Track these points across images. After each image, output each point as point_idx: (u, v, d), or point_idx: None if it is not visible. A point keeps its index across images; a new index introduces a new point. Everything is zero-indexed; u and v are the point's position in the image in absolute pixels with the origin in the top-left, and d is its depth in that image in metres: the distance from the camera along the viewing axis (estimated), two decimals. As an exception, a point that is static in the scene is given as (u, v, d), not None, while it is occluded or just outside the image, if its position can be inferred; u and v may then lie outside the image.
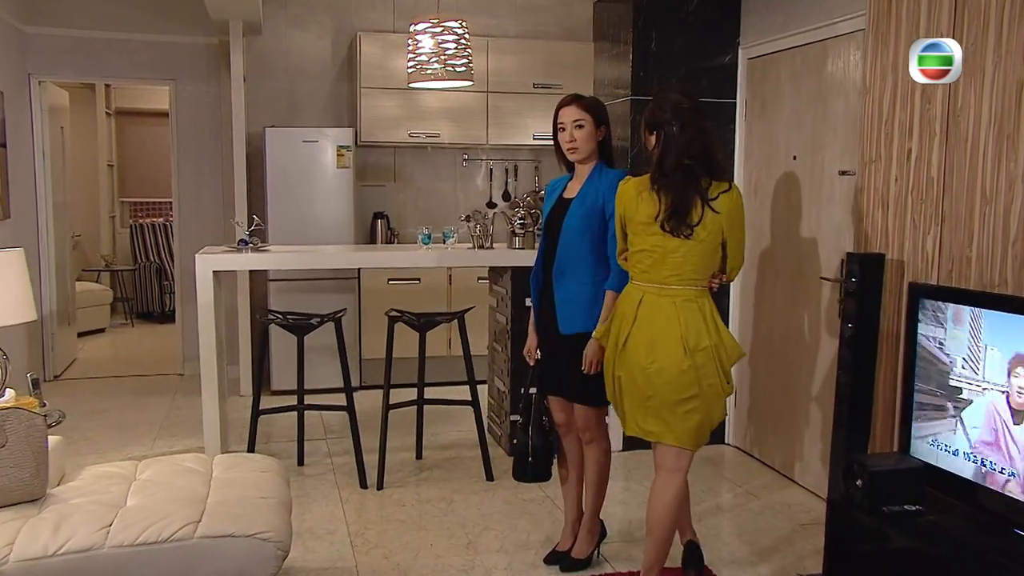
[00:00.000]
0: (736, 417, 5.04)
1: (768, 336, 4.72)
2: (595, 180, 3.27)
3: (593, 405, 3.34)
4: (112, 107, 10.01)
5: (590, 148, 3.27)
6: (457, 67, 5.09)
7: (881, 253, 3.24)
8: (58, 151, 6.93)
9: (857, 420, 3.17)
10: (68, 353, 7.15)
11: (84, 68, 6.52)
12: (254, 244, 4.71)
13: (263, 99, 6.68)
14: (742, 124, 4.91)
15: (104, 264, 9.49)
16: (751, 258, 4.84)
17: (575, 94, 3.32)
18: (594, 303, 3.21)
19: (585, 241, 3.22)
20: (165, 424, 5.45)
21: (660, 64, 4.81)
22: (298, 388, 4.69)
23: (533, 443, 3.44)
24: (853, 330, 3.13)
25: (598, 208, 3.21)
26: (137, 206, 10.41)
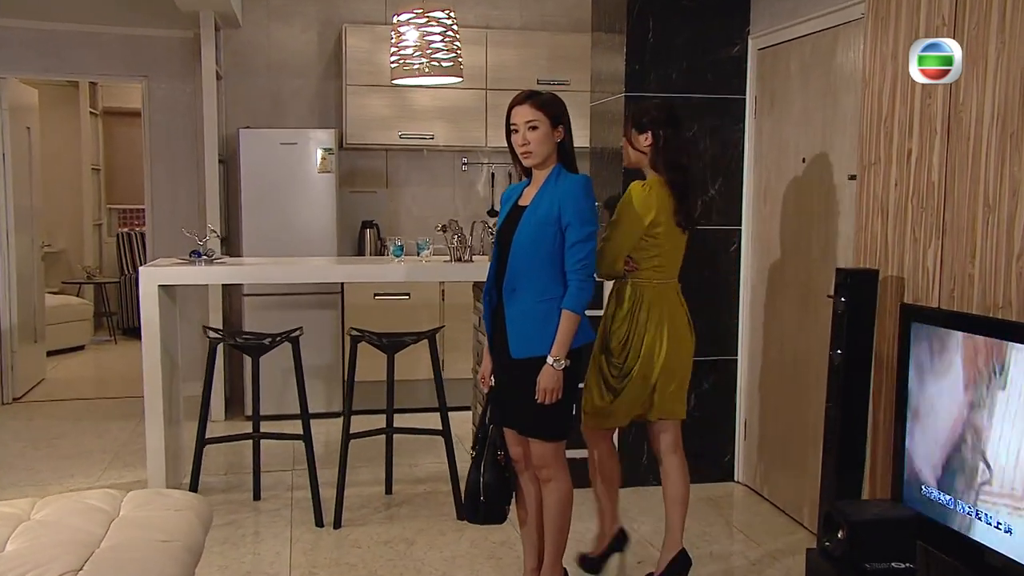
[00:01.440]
0: (745, 451, 4.88)
1: (778, 360, 4.56)
2: (551, 186, 3.17)
3: (550, 439, 3.24)
4: (98, 106, 10.13)
5: (546, 151, 3.18)
6: (443, 62, 5.03)
7: (874, 269, 3.09)
8: (23, 154, 7.00)
9: (847, 460, 3.01)
10: (33, 372, 7.21)
11: (48, 64, 6.60)
12: (208, 256, 4.67)
13: (242, 98, 6.69)
14: (752, 123, 4.77)
15: (86, 276, 9.58)
16: (760, 274, 4.69)
17: (528, 91, 3.23)
18: (547, 323, 3.12)
19: (538, 254, 3.12)
20: (121, 453, 5.44)
21: (659, 57, 4.69)
22: (253, 414, 4.64)
23: (485, 480, 3.34)
24: (842, 357, 2.98)
25: (553, 216, 3.11)
26: (126, 213, 10.52)
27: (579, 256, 3.08)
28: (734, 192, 4.79)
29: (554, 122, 3.17)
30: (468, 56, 6.42)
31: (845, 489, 3.02)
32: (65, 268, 9.96)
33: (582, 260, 3.08)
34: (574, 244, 3.08)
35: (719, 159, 4.77)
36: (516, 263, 3.17)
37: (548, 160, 3.20)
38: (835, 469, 3.02)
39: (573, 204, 3.09)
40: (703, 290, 4.78)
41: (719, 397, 4.88)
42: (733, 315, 4.85)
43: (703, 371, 4.82)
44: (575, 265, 3.08)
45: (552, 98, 3.22)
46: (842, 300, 2.99)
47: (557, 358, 3.08)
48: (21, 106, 6.98)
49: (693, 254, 4.73)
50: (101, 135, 10.30)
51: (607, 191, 4.89)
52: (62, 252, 9.88)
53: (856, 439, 3.00)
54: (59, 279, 9.77)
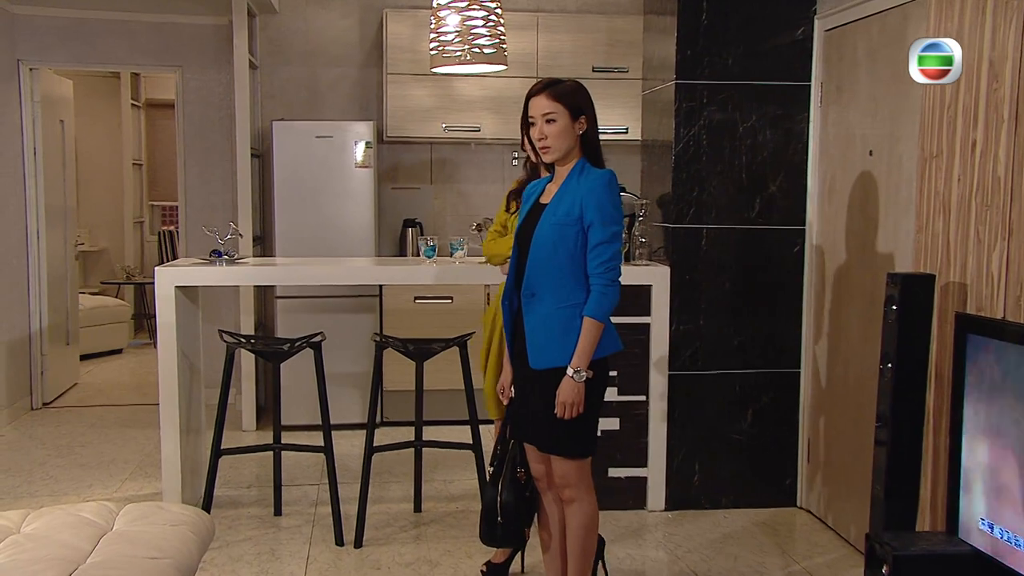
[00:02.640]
0: (808, 474, 4.76)
1: (843, 376, 4.44)
2: (573, 182, 3.14)
3: (573, 456, 3.20)
4: (141, 98, 10.38)
5: (566, 145, 3.15)
6: (485, 48, 5.01)
7: (930, 274, 2.97)
8: (56, 148, 7.19)
9: (899, 487, 2.90)
10: (66, 377, 7.41)
11: (79, 53, 6.77)
12: (229, 255, 4.73)
13: (278, 89, 6.78)
14: (816, 112, 4.65)
15: (125, 276, 9.82)
16: (824, 279, 4.57)
17: (547, 80, 3.20)
18: (568, 331, 3.09)
19: (559, 256, 3.10)
20: (144, 463, 5.54)
21: (713, 41, 4.61)
22: (274, 424, 4.68)
23: (503, 500, 3.34)
24: (893, 371, 2.87)
25: (574, 215, 3.08)
26: (168, 210, 10.75)
27: (602, 258, 3.05)
28: (797, 188, 4.68)
29: (574, 113, 3.13)
30: (518, 42, 6.42)
31: (897, 519, 2.90)
32: (106, 268, 10.24)
33: (605, 263, 3.05)
34: (597, 245, 3.05)
35: (780, 152, 4.67)
36: (535, 266, 3.14)
37: (569, 155, 3.17)
38: (885, 496, 2.91)
39: (596, 202, 3.05)
40: (762, 296, 4.70)
41: (779, 414, 4.77)
42: (795, 324, 4.74)
43: (761, 385, 4.73)
44: (598, 268, 3.05)
45: (572, 87, 3.18)
46: (893, 308, 2.88)
47: (578, 369, 3.04)
48: (54, 98, 7.18)
49: (752, 256, 4.70)
50: (143, 128, 10.56)
51: (659, 187, 4.83)
52: (102, 251, 10.16)
53: (909, 464, 2.89)
54: (100, 279, 10.05)
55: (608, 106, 6.53)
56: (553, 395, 3.09)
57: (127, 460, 5.63)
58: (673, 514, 4.72)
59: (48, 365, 7.00)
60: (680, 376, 4.68)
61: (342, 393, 6.13)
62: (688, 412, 4.71)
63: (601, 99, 6.31)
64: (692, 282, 4.65)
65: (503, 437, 3.45)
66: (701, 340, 4.67)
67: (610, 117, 6.49)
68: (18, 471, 5.39)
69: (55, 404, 7.04)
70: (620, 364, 4.55)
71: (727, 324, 4.69)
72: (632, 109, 6.05)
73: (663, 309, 4.63)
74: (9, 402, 6.44)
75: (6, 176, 6.44)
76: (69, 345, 7.53)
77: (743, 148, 4.63)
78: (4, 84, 6.45)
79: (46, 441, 6.05)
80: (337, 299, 6.29)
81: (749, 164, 4.64)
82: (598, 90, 6.33)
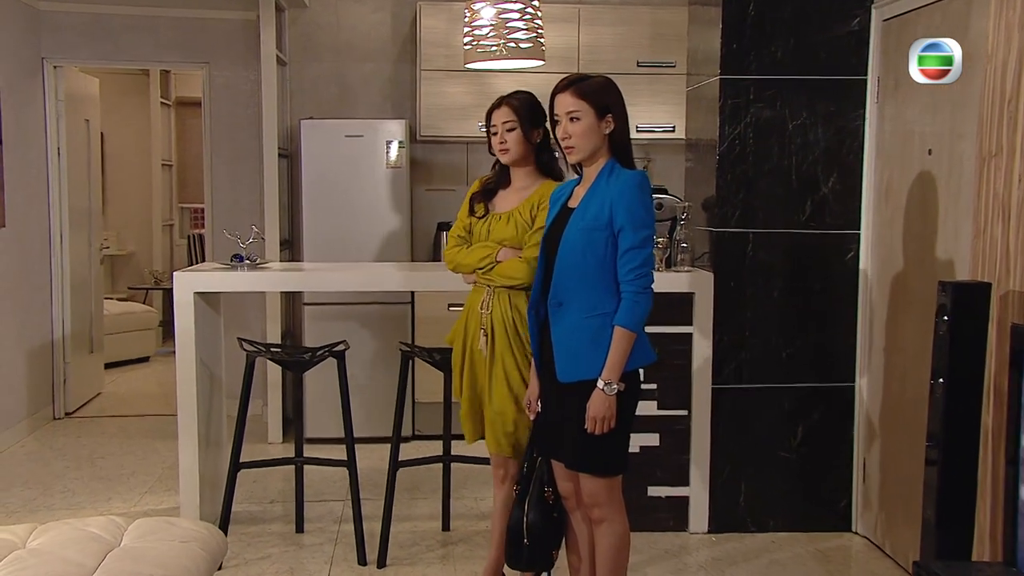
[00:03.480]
0: (864, 498, 4.67)
1: (900, 391, 4.36)
2: (602, 184, 3.12)
3: (603, 474, 3.19)
4: (171, 96, 10.52)
5: (591, 145, 3.15)
6: (522, 43, 5.00)
7: (985, 283, 2.89)
8: (81, 148, 7.31)
9: (952, 513, 2.83)
10: (90, 386, 7.51)
11: (103, 50, 6.86)
12: (251, 260, 4.76)
13: (308, 86, 6.83)
14: (873, 108, 4.57)
15: (154, 281, 9.95)
16: (880, 287, 4.49)
17: (573, 76, 3.20)
18: (598, 342, 3.08)
19: (587, 262, 3.10)
20: (165, 476, 5.59)
21: (761, 32, 4.55)
22: (296, 437, 4.70)
23: (529, 520, 3.34)
24: (944, 387, 2.80)
25: (603, 219, 3.07)
26: (198, 213, 10.87)
27: (632, 264, 3.03)
28: (851, 190, 4.61)
29: (600, 112, 3.12)
30: (559, 36, 6.40)
31: (951, 547, 2.83)
32: (134, 272, 10.38)
33: (636, 269, 3.03)
34: (627, 251, 3.04)
35: (833, 151, 4.60)
36: (563, 273, 3.14)
37: (596, 155, 3.17)
38: (937, 522, 2.84)
39: (626, 205, 3.04)
40: (813, 305, 4.64)
41: (832, 431, 4.69)
42: (850, 335, 4.66)
43: (812, 400, 4.66)
44: (628, 275, 3.04)
45: (600, 84, 3.16)
46: (944, 319, 2.81)
47: (609, 381, 3.03)
48: (80, 97, 7.29)
49: (802, 263, 4.63)
50: (173, 127, 10.70)
51: (703, 189, 4.78)
52: (130, 255, 10.32)
53: (963, 487, 2.82)
54: (127, 284, 10.20)
55: (654, 103, 6.50)
56: (582, 409, 3.08)
57: (148, 473, 5.69)
58: (716, 537, 4.66)
59: (71, 373, 7.10)
60: (724, 390, 4.62)
61: (374, 404, 6.13)
62: (733, 428, 4.65)
63: (646, 96, 6.45)
64: (737, 290, 4.59)
65: (530, 454, 3.43)
66: (747, 352, 4.61)
67: (656, 114, 6.46)
68: (36, 483, 5.47)
69: (78, 414, 7.14)
70: (660, 377, 4.51)
71: (775, 335, 4.62)
72: (679, 106, 5.98)
73: (706, 318, 4.57)
74: (30, 412, 6.54)
75: (29, 177, 6.54)
76: (93, 353, 7.63)
77: (793, 147, 4.57)
78: (28, 82, 6.56)
79: (66, 452, 6.13)
80: (367, 306, 6.30)
81: (799, 164, 4.58)
82: (643, 86, 6.48)
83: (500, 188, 3.76)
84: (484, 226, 3.69)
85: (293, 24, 6.75)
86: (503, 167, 3.74)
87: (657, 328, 4.44)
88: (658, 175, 6.68)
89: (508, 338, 3.54)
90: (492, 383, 3.59)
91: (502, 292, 3.56)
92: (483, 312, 3.60)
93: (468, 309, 3.73)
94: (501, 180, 3.76)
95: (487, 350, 3.57)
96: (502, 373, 3.55)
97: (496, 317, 3.57)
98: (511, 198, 3.69)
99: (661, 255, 4.55)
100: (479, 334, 3.59)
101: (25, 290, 6.51)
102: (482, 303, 3.61)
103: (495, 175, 3.79)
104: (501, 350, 3.55)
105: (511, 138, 3.60)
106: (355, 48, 6.83)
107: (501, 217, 3.66)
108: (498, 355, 3.56)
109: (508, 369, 3.55)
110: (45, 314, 6.83)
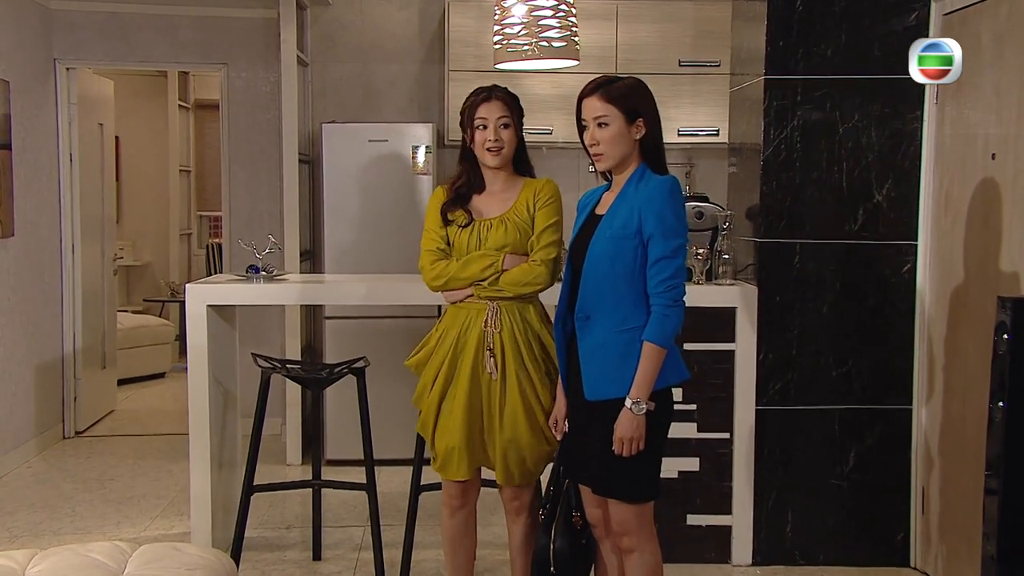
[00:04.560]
0: (923, 530, 4.61)
1: (961, 414, 4.30)
2: (631, 191, 3.13)
3: (632, 500, 3.18)
4: (189, 99, 10.64)
5: (620, 152, 3.16)
6: (554, 42, 5.01)
7: (1049, 297, 2.85)
8: (95, 154, 7.40)
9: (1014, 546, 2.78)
10: (101, 403, 7.59)
11: (117, 51, 6.96)
12: (268, 271, 4.79)
13: (331, 88, 6.89)
14: (932, 110, 4.53)
15: (170, 293, 10.04)
16: (939, 301, 4.44)
17: (601, 79, 3.21)
18: (627, 358, 3.08)
19: (616, 273, 3.10)
20: (177, 500, 5.63)
21: (810, 29, 4.54)
22: (314, 459, 4.71)
23: (556, 547, 3.36)
24: (1005, 411, 2.76)
25: (632, 228, 3.08)
26: (218, 221, 10.96)
27: (663, 275, 3.04)
28: (907, 198, 4.57)
29: (630, 116, 3.13)
30: (594, 34, 6.40)
31: (1010, 583, 2.79)
32: (150, 284, 10.49)
33: (667, 280, 3.03)
34: (657, 261, 3.04)
35: (888, 156, 4.56)
36: (590, 285, 3.15)
37: (626, 161, 3.18)
38: (997, 557, 2.79)
39: (656, 212, 3.05)
40: (866, 320, 4.60)
41: (888, 457, 4.64)
42: (906, 353, 4.61)
43: (865, 423, 4.62)
44: (658, 287, 3.04)
45: (629, 86, 3.17)
46: (1004, 337, 2.77)
47: (637, 400, 3.04)
48: (93, 99, 7.39)
49: (853, 275, 4.59)
50: (192, 131, 10.82)
51: (747, 196, 4.76)
52: (146, 266, 10.43)
53: (1023, 518, 2.77)
54: (142, 297, 10.30)
55: (696, 104, 6.48)
56: (610, 430, 3.08)
57: (160, 496, 5.73)
58: (761, 570, 4.62)
59: (82, 390, 7.18)
60: (770, 411, 4.58)
61: (397, 424, 6.11)
62: (779, 452, 4.61)
63: (688, 97, 6.44)
64: (783, 304, 4.56)
65: (556, 478, 3.43)
66: (794, 370, 4.58)
67: (699, 117, 6.44)
68: (42, 506, 5.53)
69: (88, 433, 7.21)
70: (700, 397, 4.50)
71: (824, 352, 4.58)
72: (725, 108, 5.98)
73: (749, 334, 4.55)
74: (39, 430, 6.61)
75: (40, 184, 6.64)
76: (105, 369, 7.71)
77: (844, 152, 4.54)
78: (39, 85, 6.66)
79: (76, 473, 6.19)
80: (393, 320, 6.31)
81: (851, 170, 4.54)
82: (685, 87, 6.47)
83: (474, 193, 3.62)
84: (471, 235, 3.54)
85: (315, 23, 6.80)
86: (474, 169, 3.61)
87: (697, 345, 4.44)
88: (700, 182, 6.67)
89: (521, 356, 3.45)
90: (504, 408, 3.47)
91: (510, 305, 3.47)
92: (489, 331, 3.48)
93: (444, 331, 3.59)
94: (474, 184, 3.62)
95: (497, 373, 3.46)
96: (517, 396, 3.44)
97: (506, 335, 3.46)
98: (494, 202, 3.58)
99: (701, 267, 4.53)
100: (484, 356, 3.46)
101: (35, 302, 6.59)
102: (486, 320, 3.47)
103: (465, 179, 3.63)
104: (515, 371, 3.45)
105: (506, 136, 3.52)
106: (380, 48, 6.87)
107: (493, 223, 3.53)
108: (511, 377, 3.45)
109: (525, 390, 3.45)
110: (55, 328, 6.91)
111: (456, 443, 3.55)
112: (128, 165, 10.00)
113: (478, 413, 3.53)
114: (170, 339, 9.56)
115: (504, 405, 3.48)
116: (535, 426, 3.47)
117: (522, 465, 3.52)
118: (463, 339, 3.52)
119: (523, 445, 3.48)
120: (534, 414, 3.47)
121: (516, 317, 3.48)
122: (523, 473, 3.55)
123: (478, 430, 3.54)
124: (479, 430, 3.54)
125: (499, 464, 3.54)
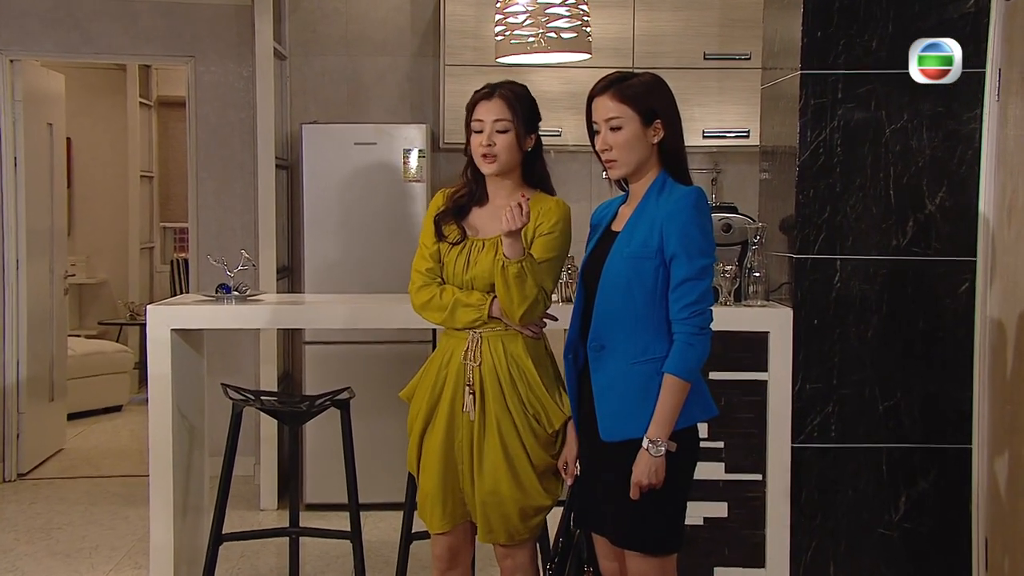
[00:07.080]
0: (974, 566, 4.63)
1: (1025, 453, 4.31)
2: (651, 203, 3.15)
3: (652, 552, 3.18)
4: (152, 96, 10.68)
5: (636, 158, 3.18)
6: (563, 33, 5.03)
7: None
8: (43, 157, 7.43)
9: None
10: (47, 441, 7.60)
11: (70, 41, 6.98)
12: (239, 291, 4.81)
13: (312, 84, 6.92)
14: (993, 108, 4.55)
15: (129, 315, 10.05)
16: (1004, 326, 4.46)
17: (614, 75, 3.24)
18: (647, 393, 3.09)
19: (633, 297, 3.12)
20: (135, 550, 5.64)
21: (852, 18, 4.56)
22: (291, 504, 4.73)
23: None
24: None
25: (653, 247, 3.09)
26: (183, 234, 10.99)
27: (687, 300, 3.04)
28: (965, 208, 4.59)
29: (646, 118, 3.15)
30: (609, 24, 6.44)
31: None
32: (106, 305, 10.51)
33: (691, 306, 3.04)
34: (681, 283, 3.05)
35: (942, 161, 4.58)
36: (605, 310, 3.17)
37: (643, 168, 3.19)
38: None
39: (679, 228, 3.06)
40: (918, 347, 4.62)
41: (944, 503, 4.64)
42: (964, 384, 4.62)
43: (918, 464, 4.62)
44: (682, 312, 3.05)
45: (646, 84, 3.20)
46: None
47: (655, 440, 3.05)
48: (41, 96, 7.43)
49: (903, 295, 4.61)
50: (155, 132, 10.86)
51: (781, 206, 4.79)
52: (102, 284, 10.45)
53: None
54: (97, 319, 10.31)
55: (724, 102, 6.51)
56: (629, 474, 3.08)
57: (114, 547, 5.73)
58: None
59: (26, 426, 7.18)
60: (808, 449, 4.59)
61: (389, 464, 6.10)
62: (819, 496, 4.62)
63: (715, 95, 6.49)
64: (823, 328, 4.58)
65: (566, 526, 3.43)
66: (835, 403, 4.59)
67: (727, 117, 6.46)
68: (-24, 563, 5.53)
69: (32, 475, 7.21)
70: (728, 433, 4.50)
71: (870, 383, 4.59)
72: (756, 107, 6.01)
73: (784, 363, 4.56)
74: (-26, 472, 6.63)
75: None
76: (54, 401, 7.72)
77: (891, 156, 4.56)
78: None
79: (17, 522, 6.19)
80: (381, 346, 6.34)
81: (899, 177, 4.57)
82: (711, 83, 6.51)
83: (475, 205, 3.57)
84: (460, 256, 3.50)
85: (294, 12, 6.83)
86: (478, 176, 3.56)
87: (724, 374, 4.45)
88: (728, 190, 6.71)
89: (504, 396, 3.37)
90: (483, 455, 3.40)
91: (494, 336, 3.41)
92: (468, 364, 3.43)
93: (432, 359, 3.58)
94: (476, 194, 3.57)
95: (475, 413, 3.41)
96: (496, 442, 3.37)
97: (487, 370, 3.41)
98: (494, 219, 3.44)
99: (729, 286, 4.55)
100: (462, 392, 3.44)
101: (-27, 326, 6.61)
102: (465, 352, 3.43)
103: (467, 188, 3.59)
104: (495, 412, 3.38)
105: (502, 142, 3.44)
106: (367, 40, 6.91)
107: (485, 245, 3.46)
108: (490, 419, 3.38)
109: (505, 436, 3.37)
110: (-5, 355, 6.93)
111: (430, 489, 3.53)
112: (81, 170, 10.03)
113: (454, 458, 3.47)
114: (128, 367, 9.58)
115: (483, 452, 3.41)
116: (518, 479, 3.38)
117: (506, 521, 3.43)
118: (443, 371, 3.50)
119: (505, 499, 3.40)
120: (516, 465, 3.38)
121: (499, 351, 3.41)
122: (509, 531, 3.46)
123: (453, 476, 3.48)
124: (455, 476, 3.48)
125: (479, 519, 3.48)
